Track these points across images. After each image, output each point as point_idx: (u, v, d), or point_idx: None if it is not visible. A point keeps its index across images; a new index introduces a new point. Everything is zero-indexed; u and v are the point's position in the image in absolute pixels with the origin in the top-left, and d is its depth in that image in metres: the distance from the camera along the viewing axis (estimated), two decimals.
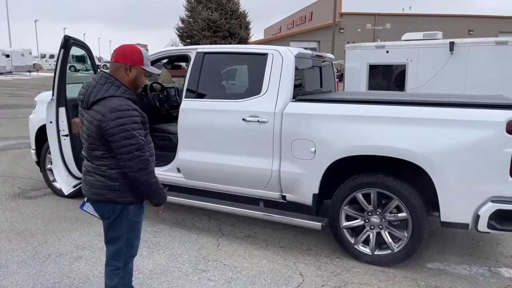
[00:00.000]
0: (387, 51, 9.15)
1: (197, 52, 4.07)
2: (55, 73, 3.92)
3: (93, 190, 2.26)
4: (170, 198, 4.12)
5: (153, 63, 4.36)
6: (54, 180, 4.80)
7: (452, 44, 8.33)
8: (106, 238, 2.40)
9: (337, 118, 3.37)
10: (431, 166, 3.04)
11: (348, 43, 11.31)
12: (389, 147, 3.16)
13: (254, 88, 3.79)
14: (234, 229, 4.13)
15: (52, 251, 3.53)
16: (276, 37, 36.16)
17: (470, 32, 31.00)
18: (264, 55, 3.77)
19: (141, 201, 2.35)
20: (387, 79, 9.39)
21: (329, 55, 4.78)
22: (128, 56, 2.21)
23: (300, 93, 3.85)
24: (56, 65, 3.90)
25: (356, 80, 9.32)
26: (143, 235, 3.84)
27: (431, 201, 3.29)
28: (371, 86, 9.23)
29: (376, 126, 3.21)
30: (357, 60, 9.41)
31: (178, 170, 4.17)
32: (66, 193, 4.25)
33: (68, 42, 3.81)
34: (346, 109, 3.39)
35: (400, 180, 3.23)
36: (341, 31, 31.58)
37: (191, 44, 23.91)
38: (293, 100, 3.64)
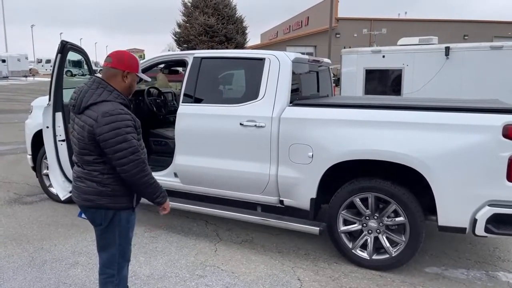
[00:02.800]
0: (383, 56, 9.19)
1: (194, 57, 4.07)
2: (51, 78, 3.90)
3: (84, 196, 2.22)
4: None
5: (151, 68, 4.38)
6: (50, 185, 4.78)
7: (447, 49, 8.38)
8: (98, 246, 2.37)
9: (334, 123, 3.38)
10: (428, 170, 3.05)
11: (345, 47, 11.36)
12: (387, 151, 3.16)
13: (251, 92, 3.80)
14: (231, 234, 4.12)
15: (49, 257, 3.50)
16: (273, 42, 36.27)
17: (465, 37, 31.22)
18: (261, 60, 3.78)
19: (133, 207, 2.32)
20: (383, 83, 9.42)
21: (326, 59, 4.80)
22: (126, 63, 2.21)
23: (297, 97, 3.86)
24: (53, 70, 3.88)
25: (353, 84, 9.34)
26: (141, 240, 3.85)
27: (428, 205, 3.30)
28: (367, 91, 9.26)
29: (373, 131, 3.22)
30: (354, 65, 9.44)
31: (175, 175, 4.15)
32: (62, 199, 4.22)
33: (65, 47, 3.80)
34: (343, 113, 3.40)
35: (398, 185, 3.23)
36: (337, 36, 31.74)
37: (188, 49, 23.95)
38: (291, 104, 3.65)
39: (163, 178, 4.24)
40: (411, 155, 3.08)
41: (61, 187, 4.15)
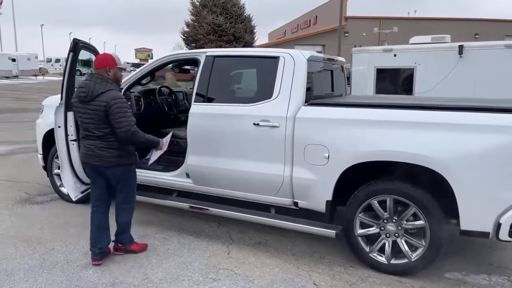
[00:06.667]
0: (395, 55, 9.05)
1: (206, 56, 4.00)
2: (63, 77, 3.85)
3: (111, 160, 3.22)
4: (179, 204, 4.06)
5: (162, 66, 4.33)
6: (61, 185, 4.75)
7: (461, 48, 8.21)
8: (119, 191, 3.40)
9: (351, 123, 3.28)
10: (450, 173, 2.94)
11: (355, 46, 11.21)
12: (406, 153, 3.06)
13: (265, 92, 3.71)
14: (244, 236, 4.04)
15: (60, 259, 3.46)
16: (281, 41, 36.11)
17: (476, 36, 30.79)
18: (276, 58, 3.70)
19: (138, 161, 3.55)
20: (395, 83, 9.29)
21: (340, 58, 4.70)
22: (103, 62, 3.25)
23: (312, 97, 3.77)
24: (65, 68, 3.83)
25: (363, 84, 9.22)
26: (152, 242, 3.81)
27: (448, 208, 3.18)
28: (378, 90, 9.13)
29: (392, 131, 3.12)
30: (364, 64, 9.31)
31: (187, 175, 4.09)
32: (74, 199, 4.17)
33: (77, 45, 3.75)
34: (361, 113, 3.31)
35: (418, 187, 3.13)
36: (346, 35, 31.46)
37: (196, 48, 23.95)
38: (306, 104, 3.56)
39: (174, 178, 4.19)
40: (432, 156, 2.98)
41: (72, 188, 4.10)
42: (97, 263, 3.34)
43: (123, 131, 3.11)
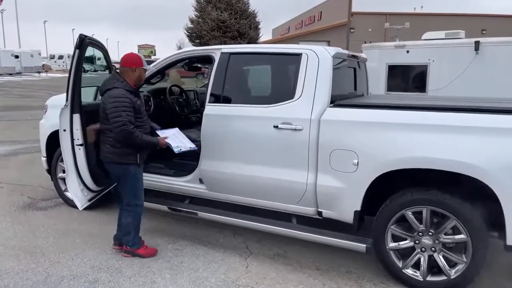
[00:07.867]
0: (407, 51, 8.75)
1: (222, 53, 3.72)
2: (69, 76, 3.55)
3: (107, 155, 3.27)
4: (192, 212, 3.79)
5: (175, 63, 4.06)
6: (66, 189, 4.47)
7: (477, 44, 7.89)
8: (120, 190, 3.42)
9: (384, 126, 2.99)
10: (497, 183, 2.65)
11: (365, 42, 10.90)
12: (448, 160, 2.76)
13: (286, 92, 3.43)
14: (262, 246, 3.76)
15: (66, 273, 3.19)
16: (285, 37, 35.74)
17: (483, 32, 30.31)
18: (298, 55, 3.42)
19: (137, 163, 3.29)
20: (407, 80, 8.99)
21: (363, 55, 4.41)
22: (130, 61, 3.29)
23: (338, 97, 3.48)
24: (71, 67, 3.53)
25: (375, 81, 8.89)
26: (164, 254, 3.55)
27: (488, 220, 2.90)
28: (390, 87, 8.84)
29: (431, 136, 2.82)
30: (375, 61, 9.00)
31: (201, 181, 3.82)
32: (80, 208, 3.90)
33: (83, 42, 3.46)
34: (395, 116, 3.01)
35: (458, 197, 2.84)
36: (352, 31, 31.02)
37: (200, 44, 23.63)
38: (331, 105, 3.28)
39: (186, 184, 3.93)
40: (477, 165, 2.69)
41: (79, 196, 3.82)
42: (115, 248, 3.55)
43: (117, 131, 3.09)
